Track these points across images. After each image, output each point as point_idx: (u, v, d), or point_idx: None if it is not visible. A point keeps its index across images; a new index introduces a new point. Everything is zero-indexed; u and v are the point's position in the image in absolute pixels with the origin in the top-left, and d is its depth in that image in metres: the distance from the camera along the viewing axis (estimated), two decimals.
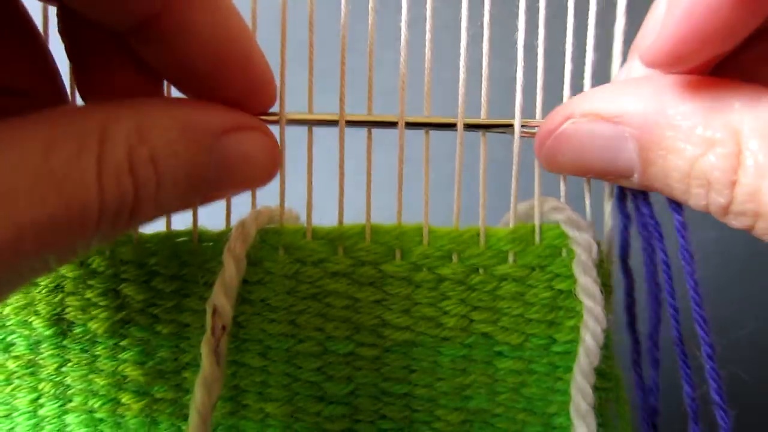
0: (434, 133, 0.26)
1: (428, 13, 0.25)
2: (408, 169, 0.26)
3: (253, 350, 0.27)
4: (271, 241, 0.26)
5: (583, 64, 0.26)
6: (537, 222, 0.26)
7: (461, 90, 0.25)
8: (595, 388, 0.26)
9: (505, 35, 0.26)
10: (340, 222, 0.27)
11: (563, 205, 0.26)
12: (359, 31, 0.26)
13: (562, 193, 0.27)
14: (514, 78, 0.25)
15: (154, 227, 0.27)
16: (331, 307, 0.27)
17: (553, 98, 0.25)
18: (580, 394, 0.24)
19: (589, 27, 0.25)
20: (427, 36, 0.25)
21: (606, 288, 0.26)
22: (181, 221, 0.27)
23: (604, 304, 0.24)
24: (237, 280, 0.24)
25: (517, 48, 0.25)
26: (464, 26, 0.25)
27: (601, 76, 0.26)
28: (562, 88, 0.26)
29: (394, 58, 0.25)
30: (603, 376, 0.26)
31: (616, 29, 0.25)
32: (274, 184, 0.26)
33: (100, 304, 0.27)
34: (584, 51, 0.26)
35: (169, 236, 0.27)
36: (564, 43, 0.26)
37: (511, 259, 0.26)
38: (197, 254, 0.27)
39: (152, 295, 0.27)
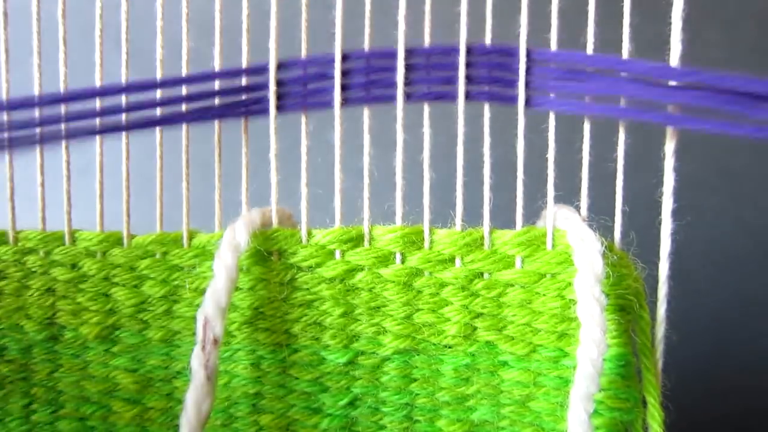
0: (435, 132, 0.25)
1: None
2: (408, 167, 0.25)
3: (245, 360, 0.26)
4: (263, 246, 0.25)
5: None
6: (549, 227, 0.25)
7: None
8: (609, 408, 0.24)
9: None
10: (339, 224, 0.25)
11: (572, 214, 0.24)
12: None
13: (584, 195, 0.25)
14: None
15: (146, 230, 0.26)
16: (328, 314, 0.25)
17: None
18: (577, 420, 0.23)
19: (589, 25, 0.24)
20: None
21: (626, 304, 0.24)
22: (172, 223, 0.26)
23: (605, 325, 0.23)
24: (228, 291, 0.23)
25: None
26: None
27: None
28: None
29: None
30: (617, 396, 0.25)
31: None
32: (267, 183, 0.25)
33: (91, 308, 0.27)
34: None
35: (160, 239, 0.26)
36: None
37: (518, 264, 0.25)
38: (187, 258, 0.26)
39: (142, 299, 0.26)
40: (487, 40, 0.24)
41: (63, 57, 0.26)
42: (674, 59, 0.23)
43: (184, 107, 0.25)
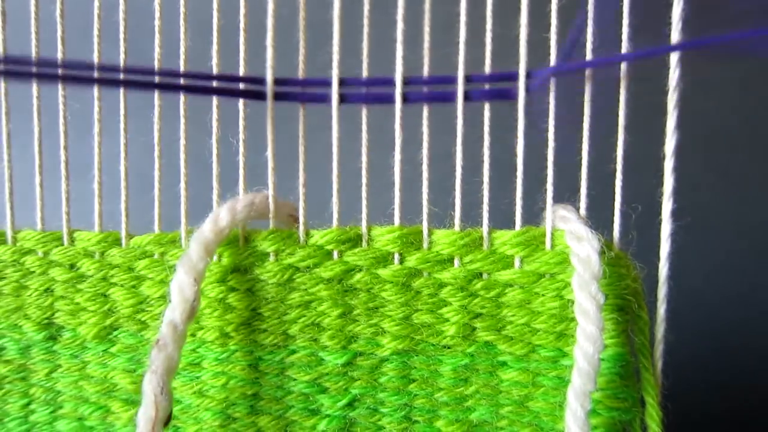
0: (435, 131, 0.24)
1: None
2: (407, 168, 0.25)
3: (242, 362, 0.26)
4: (260, 246, 0.25)
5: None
6: (548, 227, 0.25)
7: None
8: (607, 408, 0.24)
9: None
10: (337, 225, 0.25)
11: (570, 214, 0.24)
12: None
13: (583, 195, 0.25)
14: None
15: (144, 230, 0.26)
16: (326, 315, 0.25)
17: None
18: (573, 417, 0.23)
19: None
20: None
21: (624, 304, 0.24)
22: (170, 223, 0.26)
23: (601, 322, 0.22)
24: (201, 270, 0.23)
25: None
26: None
27: None
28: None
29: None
30: (616, 396, 0.24)
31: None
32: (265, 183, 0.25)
33: (90, 308, 0.26)
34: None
35: (158, 239, 0.26)
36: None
37: (516, 264, 0.25)
38: None
39: (140, 300, 0.26)
40: (487, 38, 0.24)
41: (61, 57, 0.26)
42: (674, 60, 0.23)
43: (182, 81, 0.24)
